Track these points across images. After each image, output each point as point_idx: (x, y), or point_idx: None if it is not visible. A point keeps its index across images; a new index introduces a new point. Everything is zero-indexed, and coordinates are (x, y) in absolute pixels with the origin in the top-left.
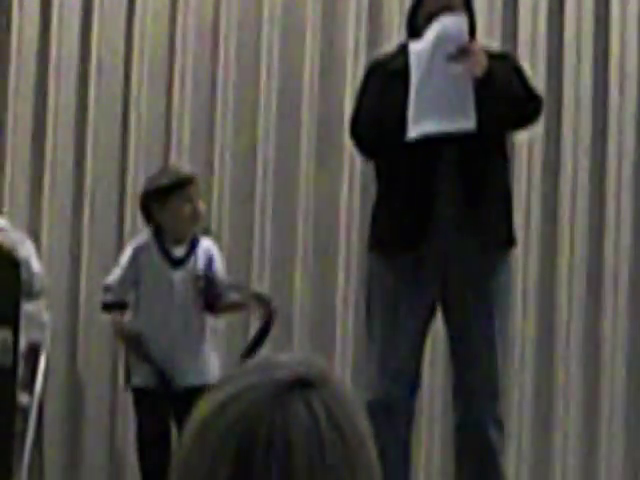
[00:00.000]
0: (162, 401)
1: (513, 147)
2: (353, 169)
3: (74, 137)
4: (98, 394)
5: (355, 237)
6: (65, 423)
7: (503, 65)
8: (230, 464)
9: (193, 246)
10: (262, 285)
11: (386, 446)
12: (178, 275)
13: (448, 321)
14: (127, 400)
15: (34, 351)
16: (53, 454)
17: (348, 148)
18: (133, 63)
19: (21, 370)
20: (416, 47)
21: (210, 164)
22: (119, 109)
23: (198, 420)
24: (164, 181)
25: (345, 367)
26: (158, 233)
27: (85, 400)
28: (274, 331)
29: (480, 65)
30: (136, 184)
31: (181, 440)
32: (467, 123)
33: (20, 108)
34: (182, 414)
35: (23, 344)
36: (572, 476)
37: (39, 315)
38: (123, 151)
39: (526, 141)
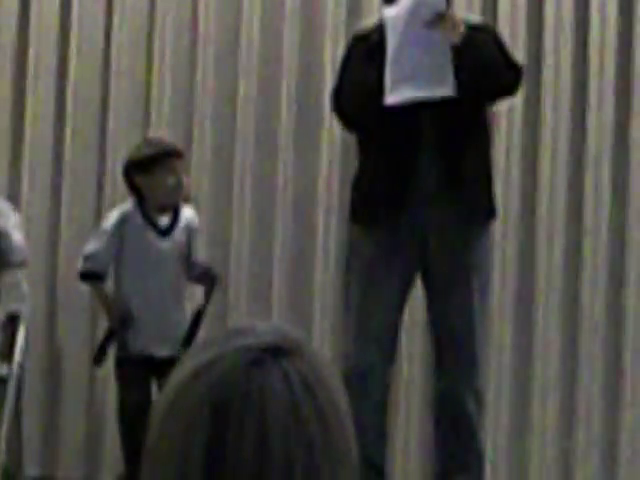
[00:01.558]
0: (143, 371)
1: (493, 116)
2: (333, 140)
3: (54, 108)
4: (77, 364)
5: (335, 206)
6: (44, 393)
7: (482, 35)
8: (204, 432)
9: (176, 215)
10: (241, 255)
11: (362, 413)
12: (165, 244)
13: (428, 290)
14: (106, 370)
15: (13, 321)
16: (32, 424)
17: (328, 119)
18: (113, 32)
19: (0, 341)
20: (391, 13)
21: (189, 135)
22: (99, 77)
23: (172, 388)
24: (149, 151)
25: (324, 339)
26: (141, 203)
27: (64, 370)
28: (252, 301)
29: (457, 32)
30: (116, 155)
31: (153, 413)
32: (445, 89)
33: (2, 77)
34: (160, 384)
35: (2, 315)
36: (550, 443)
37: (19, 286)
38: (102, 122)
39: (505, 111)
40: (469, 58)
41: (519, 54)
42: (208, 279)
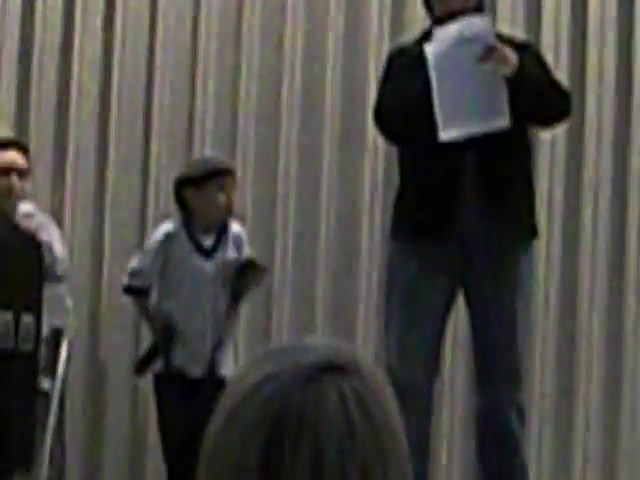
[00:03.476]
0: (182, 388)
1: (537, 141)
2: (376, 153)
3: (97, 123)
4: (120, 379)
5: (378, 222)
6: (87, 408)
7: (529, 58)
8: (259, 451)
9: (221, 234)
10: (285, 271)
11: (407, 432)
12: (208, 265)
13: (470, 306)
14: (149, 386)
15: (57, 336)
16: (74, 440)
17: (371, 133)
18: (156, 48)
19: (43, 355)
20: (432, 49)
21: (233, 151)
22: (142, 94)
23: (226, 407)
24: (203, 167)
25: (366, 354)
26: (187, 220)
27: (107, 385)
28: (295, 314)
29: (510, 64)
30: (159, 170)
31: (209, 428)
32: (501, 122)
33: (44, 95)
34: (205, 404)
35: (46, 329)
36: (593, 460)
37: (62, 300)
38: (146, 136)
39: (549, 135)
40: (522, 88)
41: (562, 74)
42: (252, 267)
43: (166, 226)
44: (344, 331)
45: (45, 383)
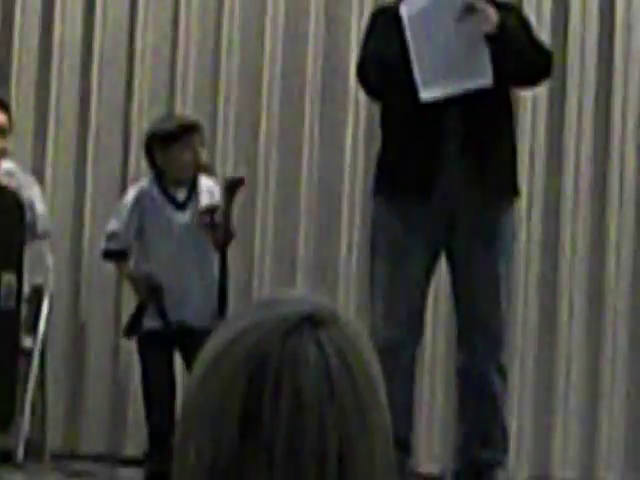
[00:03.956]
0: (167, 344)
1: (518, 99)
2: (357, 112)
3: (78, 80)
4: (100, 337)
5: (360, 181)
6: (68, 366)
7: (511, 18)
8: (239, 402)
9: (194, 187)
10: (266, 229)
11: (389, 389)
12: (182, 217)
13: (453, 268)
14: (129, 343)
15: (37, 294)
16: (55, 396)
17: (352, 93)
18: (139, 8)
19: (24, 313)
20: (408, 11)
21: (214, 112)
22: (124, 53)
23: (206, 359)
24: (167, 126)
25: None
26: (159, 176)
27: (88, 343)
28: (278, 271)
29: (490, 21)
30: (140, 129)
31: (188, 380)
32: (484, 80)
33: (25, 52)
34: (191, 356)
35: (27, 287)
36: (575, 421)
37: (43, 258)
38: (127, 96)
39: (530, 94)
40: (502, 46)
41: (544, 35)
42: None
43: (138, 184)
44: (325, 289)
45: (26, 341)
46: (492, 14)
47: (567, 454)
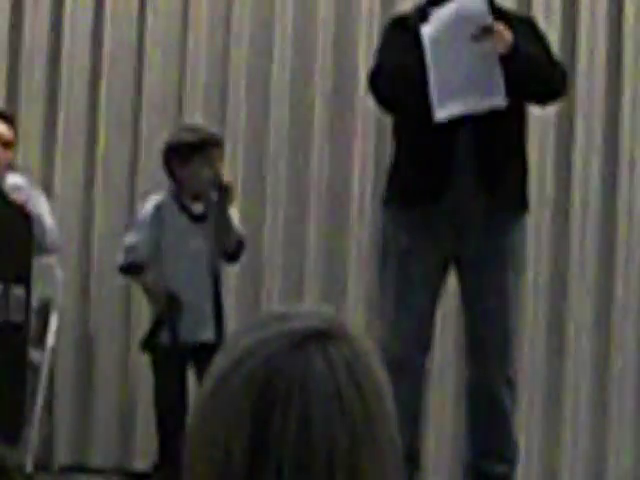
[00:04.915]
0: (180, 358)
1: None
2: (367, 126)
3: (87, 94)
4: (109, 351)
5: (369, 194)
6: (76, 380)
7: (525, 34)
8: (248, 417)
9: (211, 202)
10: (274, 242)
11: (399, 403)
12: (200, 231)
13: (462, 279)
14: (138, 357)
15: (46, 307)
16: (64, 411)
17: (362, 104)
18: (147, 15)
19: (33, 327)
20: (428, 30)
21: (223, 118)
22: (132, 61)
23: (215, 374)
24: (188, 137)
25: (355, 323)
26: (177, 188)
27: (96, 357)
28: (286, 286)
29: (505, 42)
30: (150, 141)
31: (198, 394)
32: (497, 100)
33: (33, 66)
34: (203, 371)
35: (35, 301)
36: (583, 435)
37: (51, 271)
38: (136, 108)
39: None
40: (517, 67)
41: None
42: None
43: (156, 197)
44: (334, 304)
45: (35, 355)
46: (507, 35)
47: (575, 468)
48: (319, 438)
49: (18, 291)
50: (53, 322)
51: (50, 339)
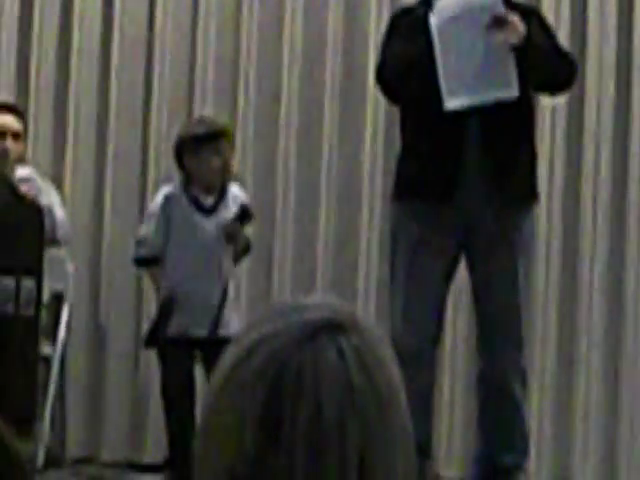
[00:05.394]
0: (185, 351)
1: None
2: (377, 118)
3: (97, 86)
4: (121, 344)
5: (379, 187)
6: (87, 372)
7: (534, 25)
8: (259, 409)
9: (222, 194)
10: (285, 235)
11: (410, 393)
12: (209, 224)
13: (472, 271)
14: (149, 351)
15: (57, 300)
16: (75, 403)
17: (372, 97)
18: (157, 7)
19: (44, 320)
20: (437, 20)
21: (234, 112)
22: (143, 56)
23: (225, 366)
24: (198, 130)
25: (366, 314)
26: (187, 181)
27: (107, 350)
28: (297, 278)
29: (518, 33)
30: (159, 133)
31: (209, 386)
32: (510, 91)
33: (43, 57)
34: (210, 364)
35: (46, 294)
36: (594, 426)
37: (62, 264)
38: (146, 99)
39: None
40: (529, 57)
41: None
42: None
43: (165, 189)
44: (344, 299)
45: (46, 348)
46: (520, 26)
47: (587, 457)
48: (331, 427)
49: (29, 284)
50: (64, 315)
51: (61, 332)
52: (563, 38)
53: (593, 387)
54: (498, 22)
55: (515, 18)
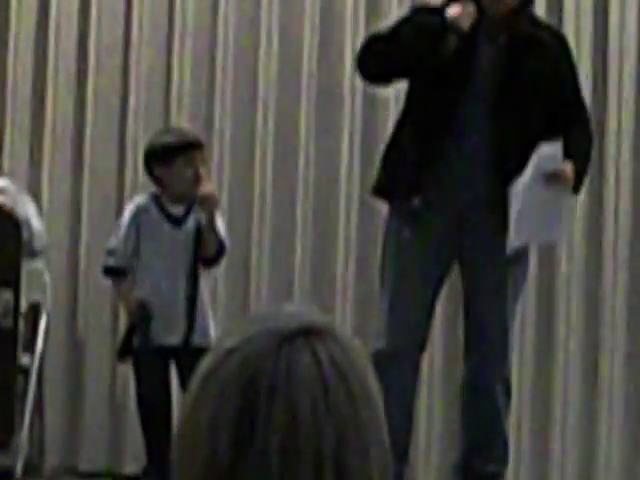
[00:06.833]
0: (161, 361)
1: None
2: (354, 122)
3: (74, 96)
4: (98, 353)
5: (356, 196)
6: (65, 383)
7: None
8: (233, 413)
9: (192, 203)
10: (262, 241)
11: (390, 397)
12: (179, 234)
13: (464, 276)
14: (127, 361)
15: (35, 311)
16: (54, 414)
17: (349, 101)
18: (133, 17)
19: (22, 331)
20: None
21: (210, 121)
22: (119, 64)
23: (202, 372)
24: (167, 140)
25: (344, 325)
26: (158, 191)
27: (85, 360)
28: (274, 288)
29: (570, 181)
30: (136, 144)
31: (186, 392)
32: (553, 235)
33: (20, 65)
34: (185, 374)
35: (24, 304)
36: (571, 436)
37: (40, 275)
38: (123, 109)
39: None
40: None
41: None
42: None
43: (136, 199)
44: (322, 305)
45: (24, 358)
46: (572, 178)
47: (566, 465)
48: (306, 429)
49: (7, 295)
50: (42, 325)
51: (39, 343)
52: (584, 57)
53: (572, 390)
54: (556, 176)
55: (569, 170)
